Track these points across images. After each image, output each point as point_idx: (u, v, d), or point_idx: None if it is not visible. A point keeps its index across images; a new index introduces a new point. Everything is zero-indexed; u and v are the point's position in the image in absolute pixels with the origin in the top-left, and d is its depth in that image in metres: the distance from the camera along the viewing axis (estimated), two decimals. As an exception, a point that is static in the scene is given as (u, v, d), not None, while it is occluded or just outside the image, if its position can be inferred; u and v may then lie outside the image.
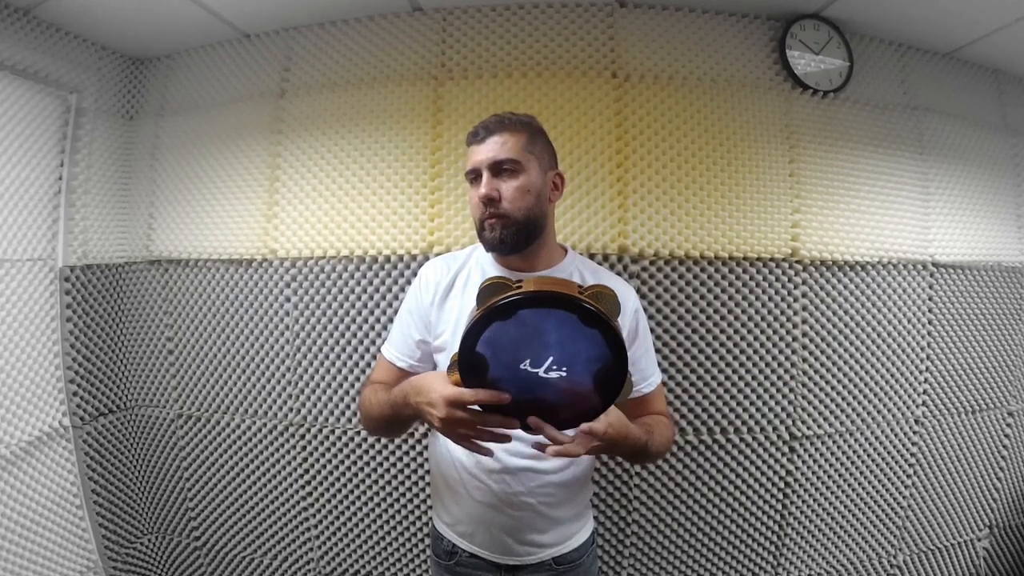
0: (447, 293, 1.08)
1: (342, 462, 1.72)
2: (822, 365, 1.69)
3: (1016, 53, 1.86)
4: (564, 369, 0.78)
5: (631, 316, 1.06)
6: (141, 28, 1.76)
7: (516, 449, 0.98)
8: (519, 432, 0.84)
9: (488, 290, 0.79)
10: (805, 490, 1.72)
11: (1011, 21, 1.65)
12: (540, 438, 0.98)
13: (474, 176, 1.03)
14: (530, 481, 1.02)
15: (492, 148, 1.00)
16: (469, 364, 0.79)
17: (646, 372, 1.09)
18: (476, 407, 0.81)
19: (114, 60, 1.89)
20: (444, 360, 1.06)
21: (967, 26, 1.72)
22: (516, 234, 1.00)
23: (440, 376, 0.86)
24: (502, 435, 0.84)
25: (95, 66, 1.81)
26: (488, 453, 0.88)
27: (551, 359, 0.77)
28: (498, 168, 1.00)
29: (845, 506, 1.76)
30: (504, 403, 0.80)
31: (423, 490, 1.68)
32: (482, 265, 1.08)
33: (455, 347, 1.00)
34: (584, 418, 0.83)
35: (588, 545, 1.14)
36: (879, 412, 1.76)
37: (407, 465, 1.67)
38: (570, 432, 0.83)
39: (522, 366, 0.78)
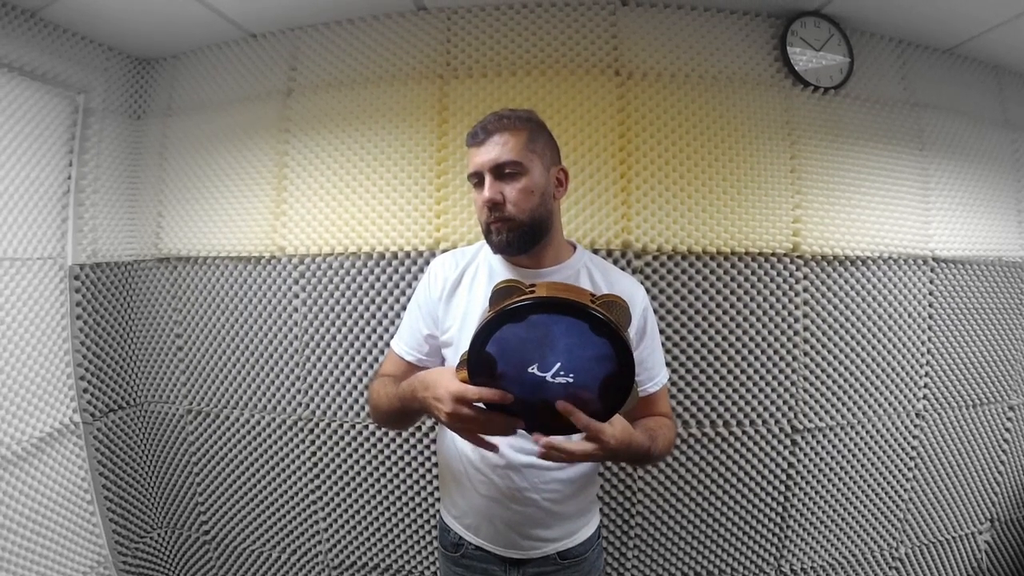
0: (455, 288, 1.09)
1: (350, 456, 1.75)
2: (823, 359, 1.71)
3: (1017, 49, 1.86)
4: (571, 376, 0.79)
5: (639, 314, 1.05)
6: (148, 28, 1.78)
7: (520, 445, 1.00)
8: (522, 434, 0.86)
9: (500, 293, 0.80)
10: (807, 483, 1.73)
11: (1011, 17, 1.66)
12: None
13: (477, 179, 1.02)
14: (534, 477, 1.03)
15: (493, 150, 0.99)
16: (477, 363, 0.81)
17: (653, 371, 1.09)
18: (482, 405, 0.83)
19: (121, 60, 1.90)
20: (451, 354, 1.07)
21: (967, 22, 1.73)
22: (522, 236, 1.00)
23: (448, 372, 0.88)
24: (505, 432, 0.86)
25: (102, 66, 1.83)
26: (493, 449, 0.90)
27: (559, 365, 0.78)
28: (500, 171, 0.98)
29: (847, 499, 1.78)
30: (507, 402, 0.81)
31: (431, 483, 1.70)
32: (490, 262, 1.09)
33: (461, 342, 1.01)
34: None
35: (594, 539, 1.15)
36: (880, 406, 1.77)
37: (415, 459, 1.70)
38: (576, 437, 0.83)
39: (530, 369, 0.79)
